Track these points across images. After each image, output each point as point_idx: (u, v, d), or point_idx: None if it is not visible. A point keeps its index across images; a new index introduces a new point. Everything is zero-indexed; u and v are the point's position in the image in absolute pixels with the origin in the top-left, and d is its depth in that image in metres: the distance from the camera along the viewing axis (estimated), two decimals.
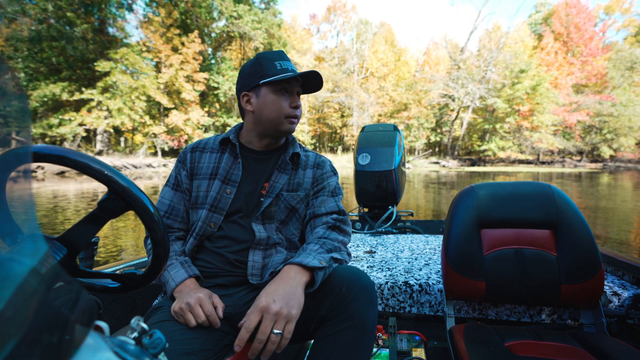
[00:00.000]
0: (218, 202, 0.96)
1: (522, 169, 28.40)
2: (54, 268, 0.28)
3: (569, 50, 34.37)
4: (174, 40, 23.72)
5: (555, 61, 33.18)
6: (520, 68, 29.86)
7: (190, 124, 24.60)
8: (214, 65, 27.61)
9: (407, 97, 32.38)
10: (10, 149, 0.42)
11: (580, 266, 1.11)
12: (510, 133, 32.29)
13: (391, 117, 33.02)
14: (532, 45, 33.22)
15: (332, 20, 39.81)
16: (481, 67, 31.25)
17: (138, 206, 0.60)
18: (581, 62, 33.38)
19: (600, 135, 32.08)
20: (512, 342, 0.98)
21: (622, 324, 1.27)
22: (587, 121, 31.30)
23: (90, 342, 0.27)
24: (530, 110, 30.43)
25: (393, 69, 34.22)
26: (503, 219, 1.21)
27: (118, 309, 1.30)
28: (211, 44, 28.77)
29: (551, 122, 30.83)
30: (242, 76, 0.99)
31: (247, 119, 1.01)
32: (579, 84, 33.07)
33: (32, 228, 0.30)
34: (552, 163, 33.85)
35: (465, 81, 31.36)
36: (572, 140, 32.78)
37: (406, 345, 1.25)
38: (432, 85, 32.12)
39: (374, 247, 2.19)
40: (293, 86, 0.96)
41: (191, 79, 24.43)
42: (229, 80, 26.48)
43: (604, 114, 30.52)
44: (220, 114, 27.59)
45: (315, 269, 0.78)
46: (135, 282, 0.70)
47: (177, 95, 24.00)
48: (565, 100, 31.27)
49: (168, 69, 23.14)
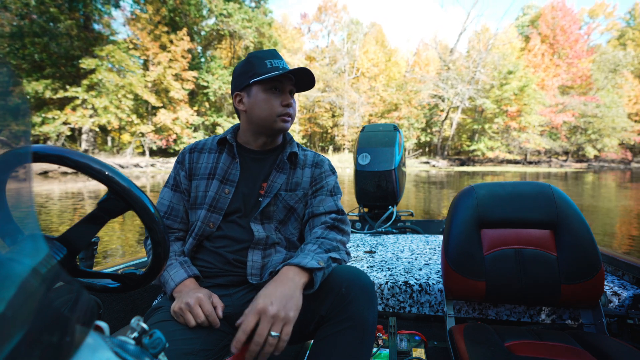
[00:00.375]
0: (216, 202, 0.96)
1: (510, 169, 28.86)
2: (54, 268, 0.28)
3: (555, 52, 35.07)
4: (162, 38, 23.27)
5: (542, 63, 33.81)
6: (508, 69, 30.33)
7: (179, 123, 24.18)
8: (204, 64, 27.25)
9: (397, 98, 32.56)
10: (10, 149, 0.42)
11: (580, 266, 1.10)
12: (498, 133, 32.76)
13: (382, 117, 33.14)
14: (520, 47, 33.77)
15: (323, 19, 39.78)
16: (470, 68, 31.63)
17: (138, 206, 0.61)
18: (567, 64, 34.10)
19: (585, 135, 32.80)
20: (512, 342, 0.98)
21: (622, 324, 1.26)
22: (573, 122, 31.97)
23: (90, 342, 0.27)
24: (518, 110, 30.93)
25: (384, 69, 34.37)
26: (503, 219, 1.20)
27: (118, 309, 1.31)
28: (201, 42, 28.40)
29: (538, 123, 31.38)
30: (235, 76, 0.99)
31: (242, 118, 1.02)
32: (564, 85, 33.77)
33: (32, 228, 0.30)
34: (539, 163, 34.49)
35: (455, 82, 31.70)
36: (559, 140, 33.43)
37: (406, 345, 1.25)
38: (422, 86, 32.37)
39: (374, 247, 2.18)
40: (284, 84, 0.96)
41: (180, 77, 24.01)
42: (219, 79, 26.18)
43: (589, 115, 31.23)
44: (210, 113, 27.26)
45: (314, 269, 0.77)
46: (135, 282, 0.70)
47: (165, 94, 23.53)
48: (552, 102, 31.88)
49: (156, 67, 22.69)
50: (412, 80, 33.21)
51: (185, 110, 24.51)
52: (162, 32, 23.27)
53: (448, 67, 33.29)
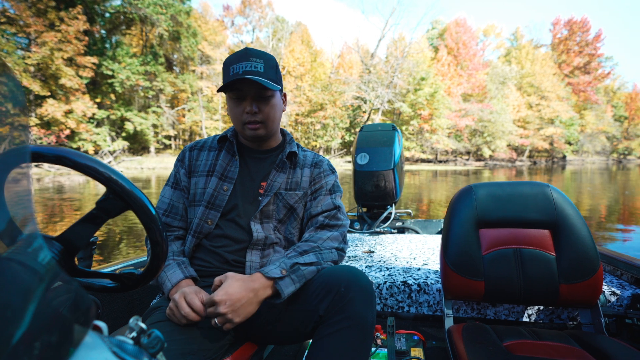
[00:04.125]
0: (215, 199, 0.97)
1: (423, 167, 31.70)
2: (52, 268, 0.28)
3: (459, 63, 39.75)
4: (49, 14, 19.54)
5: (448, 72, 37.96)
6: (421, 76, 33.22)
7: (74, 117, 20.61)
8: (109, 50, 23.83)
9: (322, 98, 33.12)
10: (9, 149, 0.42)
11: (579, 266, 1.10)
12: (414, 134, 35.72)
13: (308, 116, 33.38)
14: (431, 57, 37.33)
15: (247, 14, 38.38)
16: (389, 73, 33.79)
17: (137, 206, 0.61)
18: (467, 75, 38.93)
19: (482, 137, 37.90)
20: (511, 342, 0.98)
21: (621, 324, 1.27)
22: (473, 125, 36.65)
23: (89, 342, 0.27)
24: (429, 114, 34.13)
25: (309, 69, 34.60)
26: (502, 218, 1.20)
27: (116, 308, 1.29)
28: (105, 26, 24.78)
29: (446, 126, 35.08)
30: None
31: None
32: (466, 93, 38.51)
33: (31, 228, 0.30)
34: (447, 162, 38.69)
35: (375, 85, 33.55)
36: (462, 141, 37.94)
37: (405, 345, 1.25)
38: (346, 88, 33.52)
39: (373, 247, 2.17)
40: (244, 91, 0.92)
41: (74, 62, 20.51)
42: (127, 69, 23.16)
43: (485, 120, 36.12)
44: (117, 107, 23.94)
45: (276, 279, 0.79)
46: (133, 281, 0.70)
47: (54, 81, 19.86)
48: (457, 107, 36.02)
49: (40, 49, 18.96)
50: (337, 82, 34.16)
51: (83, 101, 21.00)
52: (47, 6, 19.47)
53: (369, 70, 35.08)
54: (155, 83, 25.64)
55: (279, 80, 0.98)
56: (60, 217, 6.50)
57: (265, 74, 0.91)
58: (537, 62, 42.95)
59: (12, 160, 0.47)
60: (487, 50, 47.31)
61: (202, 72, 30.36)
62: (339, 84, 34.00)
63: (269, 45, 35.84)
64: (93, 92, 22.75)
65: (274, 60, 0.96)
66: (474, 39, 41.44)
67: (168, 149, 30.72)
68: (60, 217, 6.45)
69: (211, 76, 30.48)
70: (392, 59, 34.41)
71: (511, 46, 47.60)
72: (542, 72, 41.53)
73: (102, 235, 5.19)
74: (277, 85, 0.95)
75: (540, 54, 44.88)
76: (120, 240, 4.98)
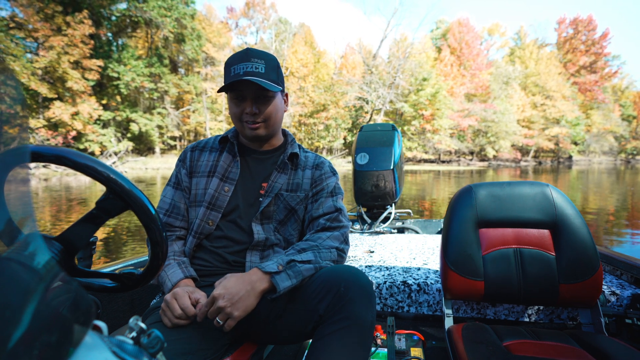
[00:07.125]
0: (216, 199, 0.97)
1: (426, 167, 31.64)
2: (52, 268, 0.28)
3: (462, 63, 39.61)
4: (56, 19, 20.02)
5: (451, 72, 37.89)
6: (423, 76, 33.16)
7: (81, 118, 21.05)
8: (115, 53, 24.28)
9: (325, 99, 33.26)
10: (9, 149, 0.42)
11: (579, 266, 1.10)
12: (416, 135, 35.69)
13: (311, 117, 33.54)
14: (433, 57, 37.26)
15: (251, 16, 38.70)
16: (391, 74, 33.80)
17: (136, 206, 0.61)
18: (471, 75, 38.79)
19: (485, 138, 37.73)
20: (511, 342, 0.98)
21: (621, 324, 1.27)
22: (476, 125, 36.50)
23: (89, 342, 0.27)
24: (431, 114, 34.06)
25: (312, 70, 34.76)
26: (501, 218, 1.20)
27: (116, 308, 1.30)
28: (111, 29, 25.24)
29: (448, 126, 34.98)
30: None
31: None
32: (469, 93, 38.38)
33: (31, 227, 0.30)
34: (450, 162, 38.58)
35: (377, 85, 33.57)
36: (465, 142, 37.80)
37: (404, 345, 1.25)
38: (349, 88, 33.61)
39: (373, 246, 2.17)
40: (244, 91, 0.93)
41: (80, 65, 20.96)
42: (133, 71, 23.56)
43: (488, 120, 35.95)
44: (123, 108, 24.35)
45: (272, 273, 0.81)
46: (133, 281, 0.70)
47: (61, 84, 20.33)
48: (459, 107, 35.91)
49: (47, 52, 19.44)
50: (339, 82, 34.25)
51: (89, 103, 21.44)
52: (54, 11, 19.97)
53: (371, 71, 35.11)
54: (160, 85, 26.00)
55: (280, 81, 0.98)
56: (66, 216, 6.62)
57: (266, 75, 0.92)
58: (541, 61, 42.63)
59: (11, 160, 0.47)
60: (491, 50, 47.02)
61: (206, 73, 30.70)
62: (342, 84, 34.11)
63: (272, 46, 36.10)
64: (99, 94, 23.11)
65: (275, 60, 0.96)
66: (477, 39, 41.27)
67: (173, 149, 31.12)
68: (66, 217, 6.56)
69: (215, 77, 30.81)
70: (394, 59, 34.44)
71: (515, 45, 47.26)
72: (547, 72, 41.22)
73: (108, 234, 5.25)
74: (278, 86, 0.95)
75: (545, 53, 44.55)
76: (125, 242, 5.06)
